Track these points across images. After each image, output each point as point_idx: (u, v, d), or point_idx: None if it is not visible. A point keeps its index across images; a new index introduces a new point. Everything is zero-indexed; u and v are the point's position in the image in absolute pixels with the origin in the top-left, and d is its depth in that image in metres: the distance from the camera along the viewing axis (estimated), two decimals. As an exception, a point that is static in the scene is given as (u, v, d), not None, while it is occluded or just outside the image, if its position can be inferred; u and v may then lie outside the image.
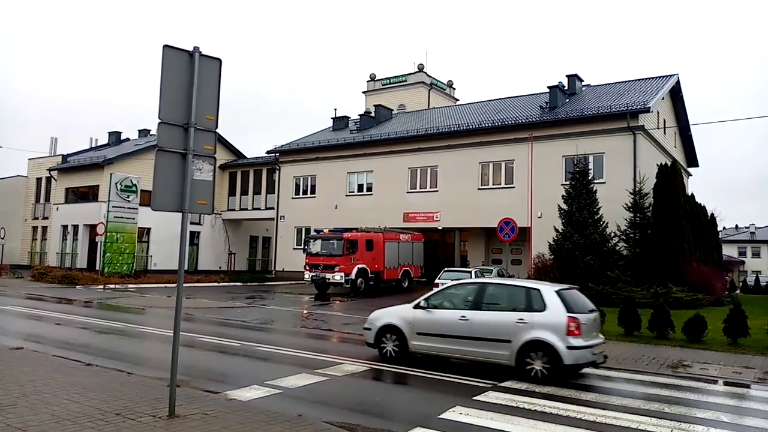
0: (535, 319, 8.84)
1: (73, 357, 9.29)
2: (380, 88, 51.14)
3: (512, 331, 8.94)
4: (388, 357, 10.16)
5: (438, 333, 9.73)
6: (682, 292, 19.65)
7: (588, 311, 9.30)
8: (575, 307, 9.01)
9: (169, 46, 6.00)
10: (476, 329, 9.28)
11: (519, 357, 8.85)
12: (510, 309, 9.28)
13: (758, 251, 75.18)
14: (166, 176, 6.01)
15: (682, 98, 30.81)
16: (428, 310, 10.03)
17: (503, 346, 9.00)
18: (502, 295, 9.79)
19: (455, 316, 9.60)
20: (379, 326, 10.54)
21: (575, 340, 8.56)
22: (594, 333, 9.26)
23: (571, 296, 9.36)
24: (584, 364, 8.95)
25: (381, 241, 26.55)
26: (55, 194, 39.38)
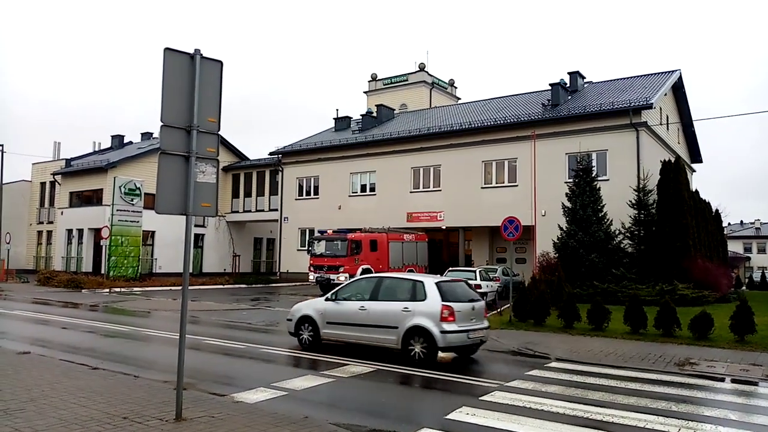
0: (417, 307, 10.10)
1: (80, 361, 9.31)
2: (382, 88, 51.13)
3: (399, 319, 10.21)
4: (305, 344, 11.50)
5: (343, 322, 11.06)
6: (687, 289, 19.58)
7: (467, 301, 10.49)
8: (452, 297, 10.19)
9: (170, 49, 6.01)
10: (372, 317, 10.59)
11: (404, 341, 10.10)
12: (399, 299, 10.50)
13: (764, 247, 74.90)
14: (170, 179, 6.01)
15: (684, 94, 30.71)
16: (336, 302, 11.38)
17: (392, 331, 10.26)
18: (394, 287, 10.95)
19: (356, 306, 10.93)
20: (297, 317, 11.80)
21: (449, 326, 9.80)
22: (473, 320, 10.41)
23: (451, 287, 10.58)
24: (460, 346, 10.28)
25: (385, 242, 26.54)
26: (60, 198, 39.52)
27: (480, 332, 10.47)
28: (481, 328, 10.55)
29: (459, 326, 9.93)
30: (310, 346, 11.42)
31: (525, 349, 11.79)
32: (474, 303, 10.65)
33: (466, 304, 10.36)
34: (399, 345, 10.13)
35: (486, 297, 19.94)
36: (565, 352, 11.37)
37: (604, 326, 13.92)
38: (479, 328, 10.45)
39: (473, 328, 10.25)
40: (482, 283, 19.78)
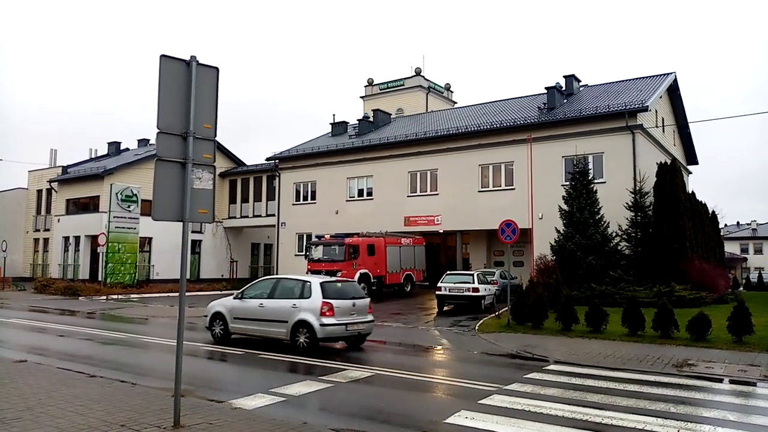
0: (303, 304, 11.72)
1: (77, 369, 9.28)
2: (378, 92, 51.19)
3: (288, 314, 11.83)
4: (216, 338, 12.99)
5: (245, 317, 12.65)
6: (685, 291, 19.60)
7: (348, 298, 12.13)
8: (333, 295, 11.88)
9: (166, 56, 6.03)
10: (268, 313, 12.23)
11: (292, 333, 11.74)
12: (290, 297, 12.02)
13: (760, 248, 75.03)
14: (166, 186, 6.02)
15: (680, 96, 30.86)
16: (241, 300, 12.94)
17: (283, 325, 11.89)
18: (288, 287, 12.42)
19: (256, 304, 12.50)
20: (211, 314, 13.31)
21: (327, 320, 11.51)
22: (353, 315, 12.04)
23: (333, 287, 12.27)
24: (338, 337, 12.11)
25: (383, 246, 26.53)
26: (56, 206, 39.42)
27: (360, 325, 12.18)
28: (361, 322, 12.23)
29: (337, 320, 11.65)
30: (221, 339, 12.90)
31: (523, 352, 11.79)
32: (355, 300, 12.26)
33: (347, 302, 12.00)
34: (288, 337, 11.79)
35: (484, 300, 20.01)
36: (563, 355, 11.38)
37: (602, 328, 13.93)
38: (359, 322, 12.15)
39: (352, 322, 11.96)
40: (480, 287, 19.80)
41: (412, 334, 15.00)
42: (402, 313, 20.20)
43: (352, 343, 12.69)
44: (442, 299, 20.33)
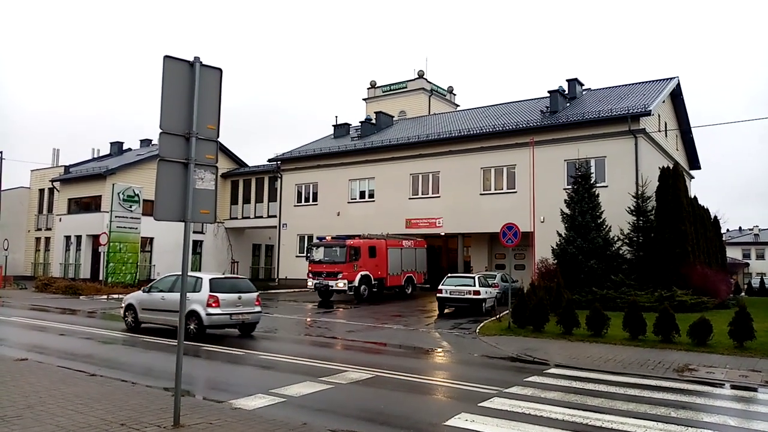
0: (194, 297, 13.37)
1: (78, 368, 9.29)
2: (381, 95, 51.26)
3: None
4: (129, 326, 15.03)
5: (151, 308, 14.56)
6: (686, 296, 19.58)
7: (236, 292, 14.07)
8: (220, 289, 13.76)
9: (169, 57, 6.05)
10: (167, 304, 13.95)
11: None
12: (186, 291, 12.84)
13: (762, 253, 74.91)
14: (168, 186, 6.03)
15: (683, 101, 30.84)
16: (149, 293, 14.83)
17: (177, 314, 13.42)
18: (186, 282, 13.60)
19: (159, 296, 14.41)
20: (125, 305, 15.39)
21: (212, 310, 13.46)
22: (239, 306, 13.98)
23: (222, 282, 14.22)
24: (224, 325, 14.00)
25: (384, 248, 26.53)
26: (58, 205, 39.49)
27: (245, 315, 14.11)
28: (247, 312, 14.15)
29: (222, 310, 13.54)
30: (132, 328, 14.86)
31: (524, 356, 11.78)
32: (242, 294, 14.21)
33: (233, 295, 13.90)
34: None
35: (485, 303, 19.99)
36: (564, 359, 11.36)
37: (603, 332, 13.90)
38: (244, 312, 14.09)
39: (237, 312, 13.90)
40: (481, 290, 19.78)
41: (413, 336, 14.99)
42: (402, 315, 20.19)
43: (244, 331, 14.57)
44: (442, 302, 20.31)
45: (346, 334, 15.34)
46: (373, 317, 19.26)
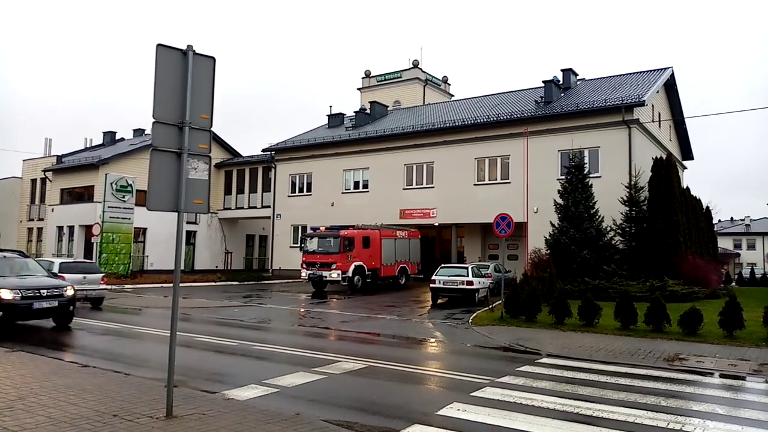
0: None
1: (70, 359, 9.29)
2: (375, 84, 51.04)
3: None
4: None
5: None
6: (678, 286, 19.73)
7: (81, 273, 17.37)
8: (69, 271, 16.95)
9: (162, 45, 5.99)
10: None
11: None
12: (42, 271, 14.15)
13: (753, 243, 75.49)
14: (162, 176, 5.99)
15: (676, 91, 30.89)
16: None
17: None
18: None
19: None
20: None
21: None
22: (84, 284, 16.97)
23: (70, 265, 17.61)
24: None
25: (378, 238, 26.55)
26: (51, 195, 39.25)
27: (88, 291, 17.35)
28: (90, 289, 17.47)
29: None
30: None
31: (516, 345, 11.85)
32: (87, 275, 17.51)
33: (78, 275, 16.90)
34: None
35: (478, 293, 20.07)
36: (556, 348, 11.44)
37: (594, 322, 14.01)
38: (89, 289, 17.36)
39: (82, 289, 16.33)
40: (474, 280, 19.85)
41: (406, 326, 15.05)
42: (396, 305, 20.25)
43: (93, 304, 18.01)
44: (436, 292, 20.38)
45: (340, 324, 15.38)
46: (367, 307, 19.30)
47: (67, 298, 12.90)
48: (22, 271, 13.26)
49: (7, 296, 11.77)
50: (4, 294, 11.75)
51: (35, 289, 12.37)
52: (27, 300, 12.05)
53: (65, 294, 12.88)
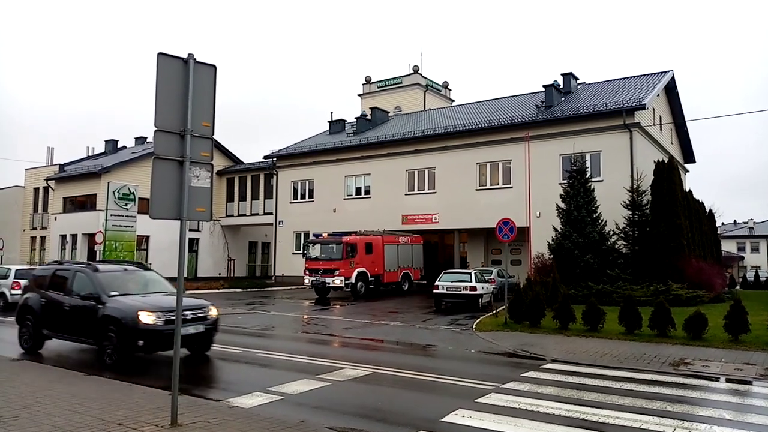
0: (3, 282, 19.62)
1: (74, 367, 9.26)
2: (376, 90, 51.17)
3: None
4: None
5: None
6: (682, 289, 19.65)
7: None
8: (23, 277, 17.75)
9: (163, 54, 6.01)
10: None
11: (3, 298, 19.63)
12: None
13: (757, 246, 75.21)
14: (164, 184, 6.01)
15: (677, 94, 30.89)
16: None
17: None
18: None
19: None
20: None
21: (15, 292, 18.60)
22: None
23: (25, 273, 18.30)
24: None
25: (380, 244, 26.53)
26: (53, 204, 39.33)
27: None
28: None
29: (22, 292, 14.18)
30: None
31: (520, 351, 11.81)
32: None
33: None
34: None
35: (482, 299, 20.02)
36: (560, 354, 11.39)
37: (599, 327, 13.95)
38: None
39: None
40: (477, 285, 19.81)
41: (410, 332, 15.01)
42: (399, 311, 20.20)
43: None
44: (439, 298, 20.33)
45: (343, 331, 15.34)
46: (370, 314, 19.27)
47: (212, 321, 10.59)
48: (148, 287, 11.06)
49: (147, 320, 9.42)
50: (145, 317, 9.43)
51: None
52: (171, 325, 8.82)
53: (209, 316, 10.56)
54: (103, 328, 9.69)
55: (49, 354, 9.32)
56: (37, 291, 11.54)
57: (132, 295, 10.27)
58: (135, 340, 9.37)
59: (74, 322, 10.44)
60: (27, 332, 11.33)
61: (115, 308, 9.73)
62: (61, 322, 10.72)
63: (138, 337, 9.35)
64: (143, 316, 9.43)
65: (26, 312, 11.37)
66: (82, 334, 10.30)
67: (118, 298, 10.05)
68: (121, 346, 9.50)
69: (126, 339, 9.43)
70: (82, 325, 10.24)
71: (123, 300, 9.99)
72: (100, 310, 9.84)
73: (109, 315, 9.68)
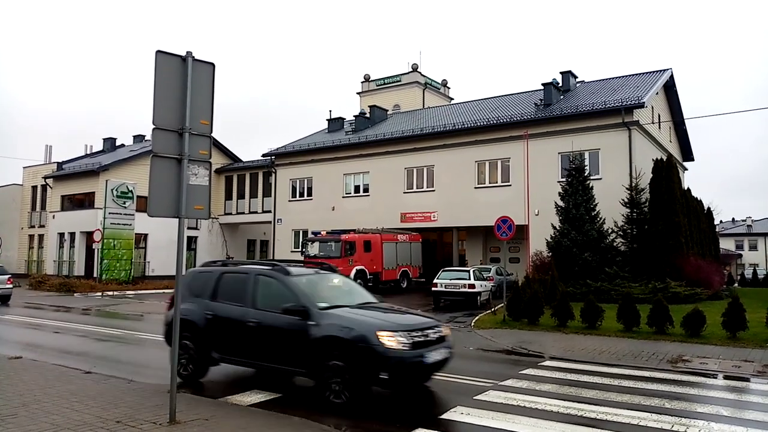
0: None
1: (73, 365, 9.26)
2: (375, 88, 51.14)
3: None
4: None
5: None
6: (680, 287, 19.69)
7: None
8: None
9: (161, 52, 6.00)
10: None
11: None
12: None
13: (755, 244, 75.35)
14: (162, 182, 6.00)
15: (676, 93, 30.90)
16: None
17: None
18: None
19: None
20: None
21: None
22: None
23: None
24: None
25: (379, 242, 26.54)
26: (51, 202, 39.27)
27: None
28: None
29: None
30: None
31: (519, 348, 11.83)
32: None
33: None
34: None
35: (480, 296, 20.04)
36: (559, 351, 11.41)
37: (597, 324, 13.98)
38: None
39: None
40: (476, 283, 19.83)
41: (409, 330, 14.99)
42: (398, 309, 20.19)
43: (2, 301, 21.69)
44: (438, 295, 20.36)
45: (342, 328, 15.33)
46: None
47: (449, 343, 8.06)
48: (354, 296, 8.56)
49: (392, 343, 6.89)
50: (389, 340, 6.89)
51: (419, 329, 7.37)
52: (419, 349, 7.12)
53: (445, 335, 7.97)
54: (320, 354, 7.12)
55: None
56: (196, 301, 8.65)
57: (348, 308, 7.73)
58: (376, 371, 6.83)
59: (266, 343, 7.74)
60: (186, 355, 8.37)
61: (339, 326, 7.13)
62: (241, 342, 8.00)
63: (380, 367, 6.80)
64: (386, 339, 6.88)
65: (185, 329, 8.11)
66: (282, 359, 7.58)
67: (335, 311, 7.49)
68: (354, 380, 6.89)
69: (363, 370, 6.87)
70: (280, 347, 7.60)
71: (347, 315, 7.40)
72: (312, 328, 7.22)
73: (330, 336, 7.08)
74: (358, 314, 7.49)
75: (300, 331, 7.29)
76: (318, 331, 7.17)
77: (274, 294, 7.93)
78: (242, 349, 8.02)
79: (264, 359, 7.82)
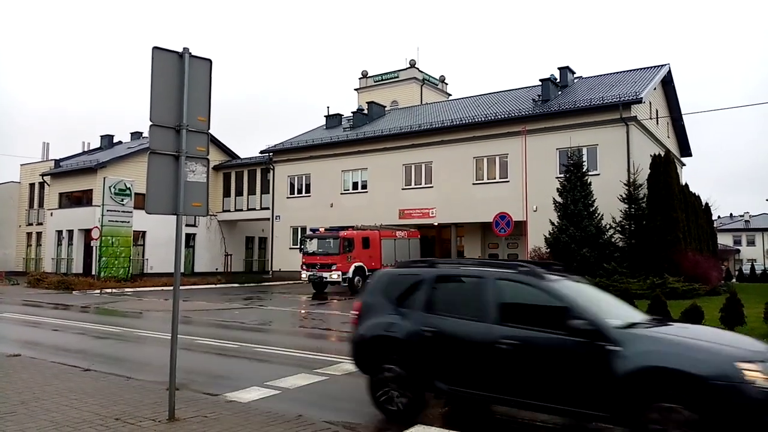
0: None
1: (71, 363, 9.25)
2: (372, 84, 51.06)
3: None
4: None
5: None
6: (678, 283, 19.71)
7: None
8: None
9: (158, 48, 5.97)
10: None
11: None
12: None
13: (753, 239, 75.52)
14: (160, 179, 5.98)
15: (674, 88, 30.91)
16: None
17: None
18: None
19: None
20: None
21: None
22: None
23: None
24: None
25: (377, 239, 26.54)
26: (49, 199, 39.21)
27: None
28: None
29: None
30: None
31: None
32: None
33: None
34: None
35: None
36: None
37: (596, 320, 13.96)
38: None
39: None
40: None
41: (407, 326, 14.99)
42: (397, 305, 20.21)
43: None
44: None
45: (341, 325, 15.33)
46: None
47: None
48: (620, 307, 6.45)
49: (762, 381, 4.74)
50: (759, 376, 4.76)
51: None
52: None
53: None
54: (635, 394, 5.00)
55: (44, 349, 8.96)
56: (403, 313, 6.59)
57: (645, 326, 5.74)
58: (752, 419, 4.69)
59: (532, 374, 5.61)
60: (394, 384, 6.43)
61: (670, 354, 5.05)
62: (486, 370, 5.88)
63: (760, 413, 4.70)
64: (754, 373, 4.76)
65: (387, 349, 6.59)
66: (564, 398, 5.41)
67: (644, 332, 5.56)
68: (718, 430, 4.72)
69: (732, 418, 4.70)
70: (559, 381, 5.46)
71: (672, 338, 5.38)
72: (615, 356, 5.15)
73: (654, 368, 4.98)
74: (683, 336, 5.42)
75: (595, 359, 5.24)
76: (627, 361, 5.09)
77: (530, 306, 5.99)
78: (489, 379, 5.87)
79: (530, 396, 5.60)
